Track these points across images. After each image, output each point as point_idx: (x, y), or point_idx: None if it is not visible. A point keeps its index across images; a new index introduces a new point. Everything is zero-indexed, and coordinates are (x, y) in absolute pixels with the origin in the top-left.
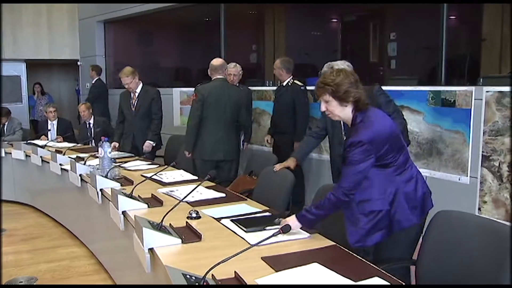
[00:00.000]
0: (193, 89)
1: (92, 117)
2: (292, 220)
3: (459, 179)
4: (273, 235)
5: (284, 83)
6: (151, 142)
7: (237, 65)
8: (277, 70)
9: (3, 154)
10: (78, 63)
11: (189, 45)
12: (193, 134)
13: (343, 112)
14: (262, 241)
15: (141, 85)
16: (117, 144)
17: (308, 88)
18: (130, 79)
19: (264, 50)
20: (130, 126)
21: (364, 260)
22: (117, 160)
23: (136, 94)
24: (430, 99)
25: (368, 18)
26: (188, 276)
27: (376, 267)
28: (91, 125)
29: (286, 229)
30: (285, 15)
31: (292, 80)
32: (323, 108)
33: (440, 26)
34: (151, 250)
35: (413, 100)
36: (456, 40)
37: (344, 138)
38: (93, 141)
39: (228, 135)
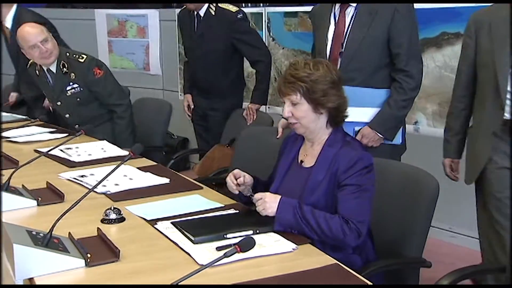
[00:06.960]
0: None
1: None
2: (271, 200)
3: None
4: (225, 255)
5: (202, 11)
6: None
7: None
8: None
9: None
10: None
11: None
12: None
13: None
14: (215, 260)
15: None
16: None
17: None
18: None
19: None
20: None
21: None
22: (2, 127)
23: None
24: None
25: None
26: None
27: None
28: None
29: (246, 246)
30: None
31: (213, 5)
32: (286, 113)
33: None
34: (30, 280)
35: None
36: None
37: None
38: None
39: None
